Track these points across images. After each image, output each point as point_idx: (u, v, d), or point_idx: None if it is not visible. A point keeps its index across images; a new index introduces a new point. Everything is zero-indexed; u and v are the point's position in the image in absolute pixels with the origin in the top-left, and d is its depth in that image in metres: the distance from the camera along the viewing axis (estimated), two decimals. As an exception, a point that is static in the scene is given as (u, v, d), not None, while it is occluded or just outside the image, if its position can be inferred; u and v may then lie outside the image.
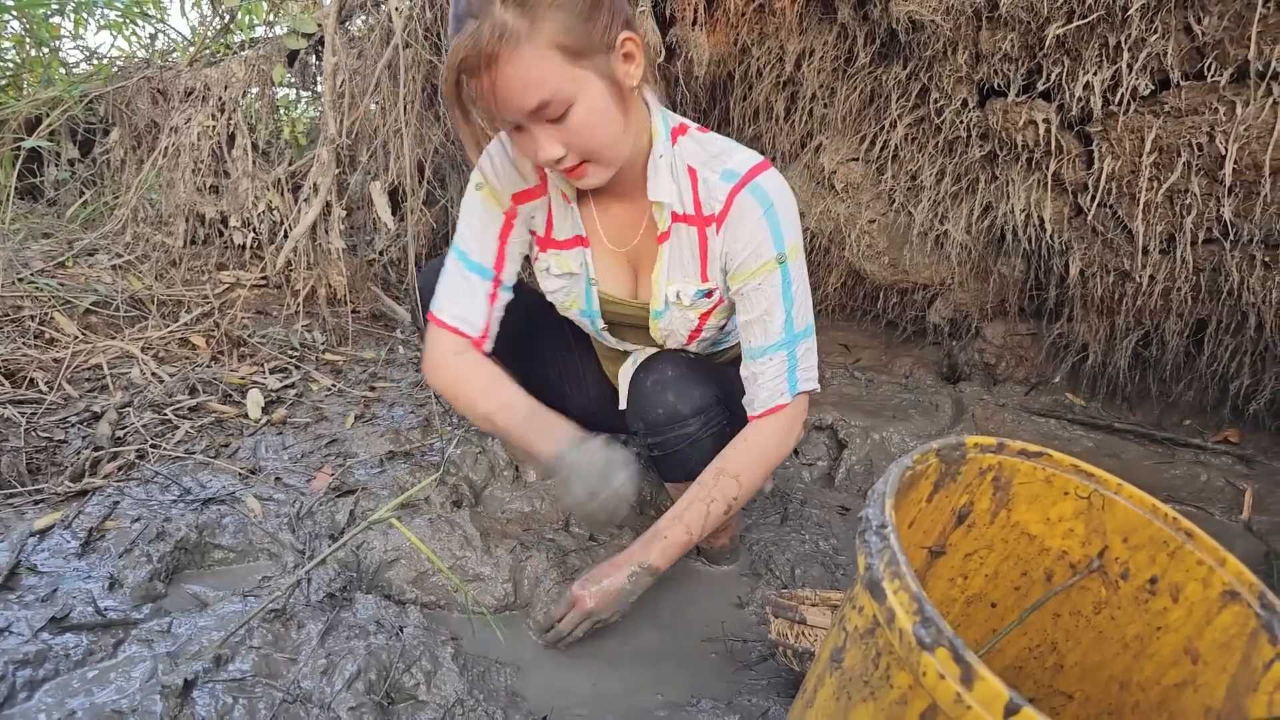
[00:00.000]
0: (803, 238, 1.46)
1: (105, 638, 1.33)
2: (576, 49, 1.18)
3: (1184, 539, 1.00)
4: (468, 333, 1.50)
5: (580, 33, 1.17)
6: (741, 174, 1.37)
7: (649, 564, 1.43)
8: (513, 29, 1.13)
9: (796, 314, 1.42)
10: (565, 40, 1.16)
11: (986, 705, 0.71)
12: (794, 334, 1.43)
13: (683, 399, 1.51)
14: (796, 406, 1.47)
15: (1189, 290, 2.18)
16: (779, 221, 1.38)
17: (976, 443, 1.05)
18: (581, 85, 1.20)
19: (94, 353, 2.22)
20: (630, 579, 1.43)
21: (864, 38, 2.60)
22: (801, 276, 1.43)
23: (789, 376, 1.44)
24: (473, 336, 1.50)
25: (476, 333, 1.51)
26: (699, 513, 1.44)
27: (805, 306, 1.44)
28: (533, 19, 1.14)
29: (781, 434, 1.48)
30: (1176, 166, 1.96)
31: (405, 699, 1.32)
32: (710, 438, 1.54)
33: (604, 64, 1.22)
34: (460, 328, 1.50)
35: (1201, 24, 1.78)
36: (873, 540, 0.85)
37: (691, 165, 1.41)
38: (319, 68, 3.08)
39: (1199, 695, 0.98)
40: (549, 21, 1.14)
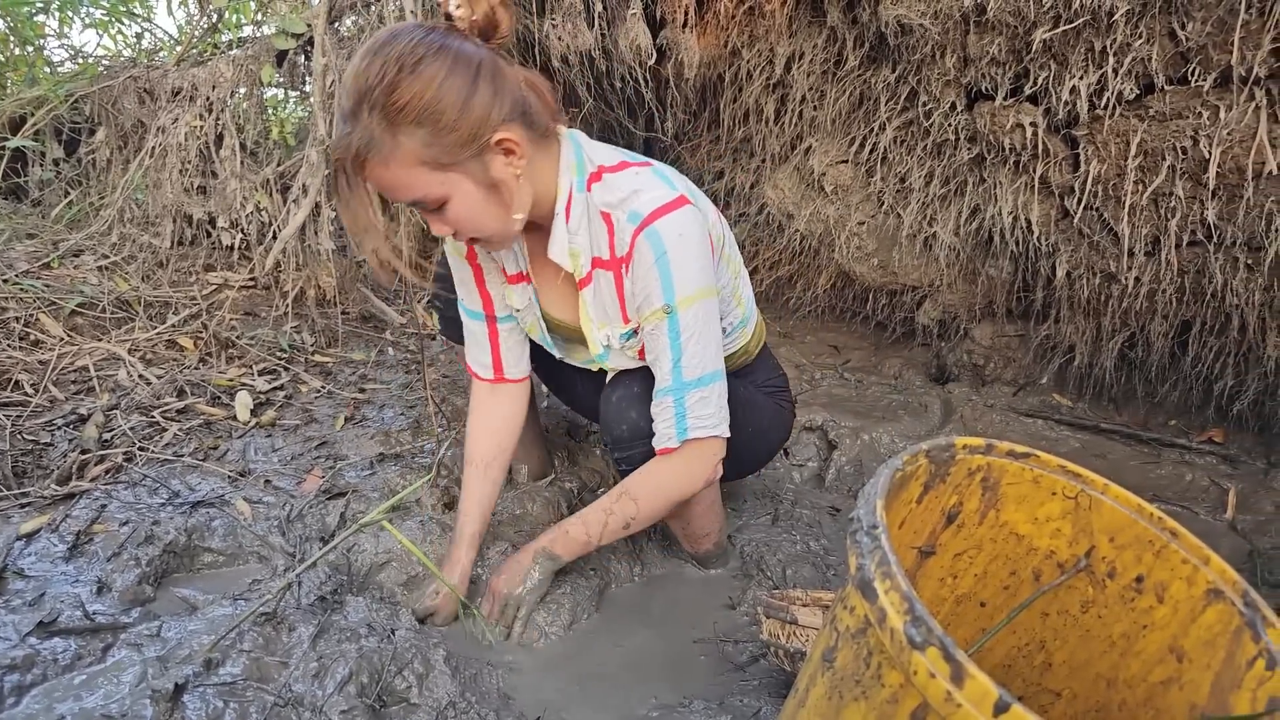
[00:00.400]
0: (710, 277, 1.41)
1: (94, 642, 1.32)
2: (439, 161, 1.23)
3: (1169, 538, 1.02)
4: (484, 375, 1.70)
5: (442, 146, 1.22)
6: (644, 215, 1.36)
7: (551, 550, 1.56)
8: (378, 140, 1.20)
9: (686, 363, 1.41)
10: (427, 154, 1.22)
11: (976, 703, 0.71)
12: (681, 382, 1.42)
13: (646, 416, 1.50)
14: (691, 451, 1.47)
15: (1174, 292, 2.20)
16: (670, 271, 1.36)
17: (965, 444, 1.06)
18: (451, 187, 1.27)
19: (80, 355, 2.21)
20: (533, 559, 1.56)
21: (853, 41, 2.62)
22: (697, 325, 1.40)
23: (676, 424, 1.44)
24: (488, 378, 1.70)
25: (489, 374, 1.70)
26: (598, 520, 1.54)
27: (702, 355, 1.42)
28: (394, 133, 1.20)
29: (675, 474, 1.50)
30: (1161, 170, 1.98)
31: (397, 702, 1.31)
32: None
33: (474, 166, 1.27)
34: (479, 372, 1.71)
35: (1185, 29, 1.80)
36: (864, 541, 0.86)
37: (605, 210, 1.41)
38: (308, 68, 3.06)
39: (1184, 692, 0.99)
40: (409, 137, 1.20)
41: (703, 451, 1.48)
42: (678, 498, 1.54)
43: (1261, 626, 0.91)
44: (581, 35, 2.55)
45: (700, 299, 1.39)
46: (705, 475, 1.51)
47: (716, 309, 1.44)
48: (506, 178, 1.30)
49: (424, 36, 1.20)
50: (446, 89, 1.19)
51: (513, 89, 1.29)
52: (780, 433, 1.84)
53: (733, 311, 1.65)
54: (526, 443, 1.99)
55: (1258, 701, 0.88)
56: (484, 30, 1.28)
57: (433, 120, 1.20)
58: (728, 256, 1.57)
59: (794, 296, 3.34)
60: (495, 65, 1.26)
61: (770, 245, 3.26)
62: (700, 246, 1.38)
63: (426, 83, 1.18)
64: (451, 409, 2.31)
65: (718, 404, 1.46)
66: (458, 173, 1.26)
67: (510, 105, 1.27)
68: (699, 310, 1.39)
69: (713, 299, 1.42)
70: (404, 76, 1.17)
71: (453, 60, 1.20)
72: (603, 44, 2.65)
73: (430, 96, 1.18)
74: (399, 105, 1.18)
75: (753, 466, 1.88)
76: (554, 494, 1.91)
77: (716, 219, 1.55)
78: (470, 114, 1.22)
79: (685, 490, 1.53)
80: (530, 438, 1.98)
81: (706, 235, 1.41)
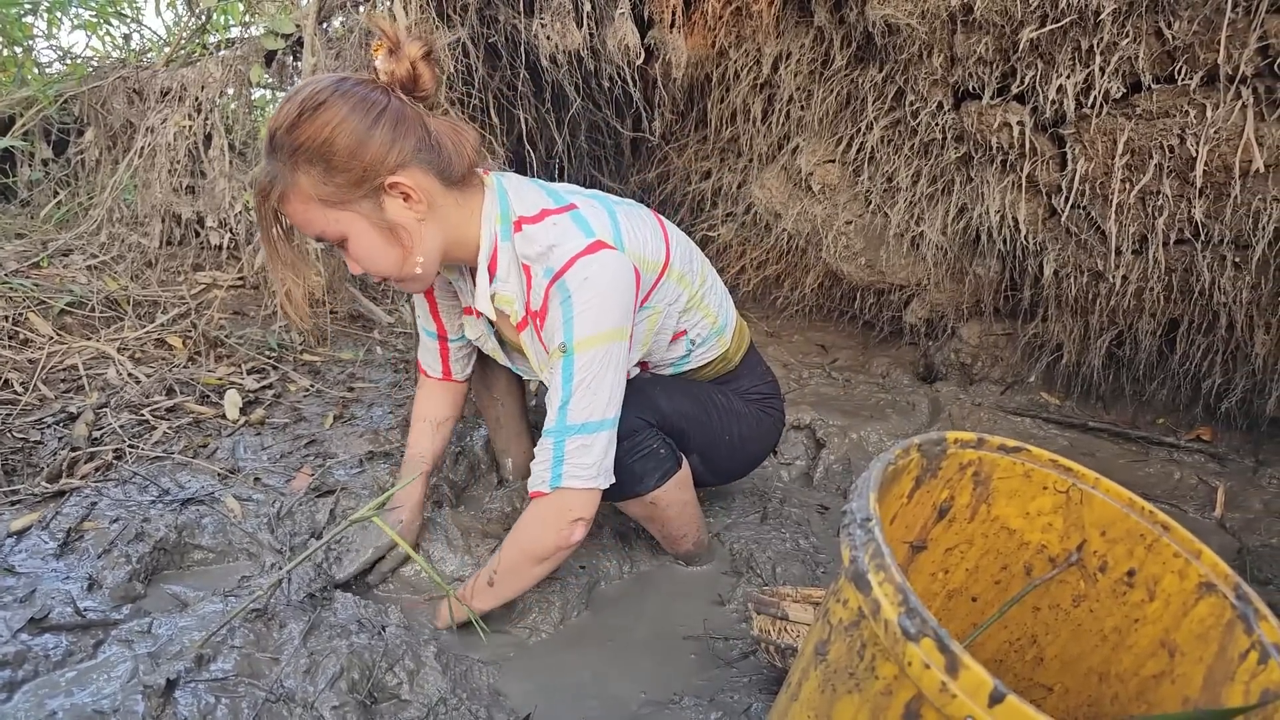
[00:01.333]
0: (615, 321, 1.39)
1: (85, 638, 1.32)
2: (331, 199, 1.32)
3: (1160, 532, 1.02)
4: (432, 374, 1.83)
5: (332, 187, 1.30)
6: (556, 270, 1.38)
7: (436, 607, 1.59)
8: (281, 176, 1.31)
9: (573, 407, 1.38)
10: (318, 193, 1.31)
11: (971, 694, 0.72)
12: (565, 426, 1.39)
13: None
14: (558, 501, 1.41)
15: (1161, 290, 2.21)
16: (572, 313, 1.36)
17: (957, 438, 1.07)
18: (346, 225, 1.35)
19: (69, 353, 2.20)
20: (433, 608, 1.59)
21: (840, 41, 2.62)
22: (592, 369, 1.37)
23: (552, 468, 1.39)
24: (435, 376, 1.82)
25: (437, 374, 1.82)
26: (483, 583, 1.53)
27: (592, 402, 1.38)
28: (292, 170, 1.30)
29: (538, 524, 1.44)
30: (1148, 168, 1.99)
31: (388, 698, 1.32)
32: (639, 461, 1.54)
33: (367, 207, 1.34)
34: (428, 371, 1.83)
35: (1172, 28, 1.81)
36: (857, 533, 0.86)
37: (524, 263, 1.44)
38: (297, 68, 3.06)
39: (1177, 686, 1.00)
40: (303, 175, 1.30)
41: (567, 504, 1.42)
42: (533, 551, 1.46)
43: (1254, 619, 0.92)
44: (570, 34, 2.55)
45: (601, 343, 1.37)
46: (558, 536, 1.43)
47: (621, 353, 1.41)
48: (404, 221, 1.37)
49: (334, 83, 1.30)
50: (340, 131, 1.27)
51: (417, 136, 1.34)
52: (763, 442, 1.84)
53: (699, 324, 1.66)
54: (515, 440, 2.00)
55: (1250, 694, 0.88)
56: (405, 85, 1.35)
57: (324, 160, 1.28)
58: (680, 274, 1.58)
59: (781, 296, 3.34)
60: (399, 113, 1.32)
61: (757, 245, 3.27)
62: (609, 288, 1.37)
63: (322, 125, 1.27)
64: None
65: (598, 455, 1.40)
66: (351, 212, 1.33)
67: (412, 151, 1.33)
68: (598, 354, 1.37)
69: (616, 343, 1.39)
70: (304, 118, 1.27)
71: (352, 106, 1.28)
72: (591, 43, 2.65)
73: (324, 137, 1.27)
74: (297, 143, 1.27)
75: (734, 475, 1.89)
76: (544, 492, 1.91)
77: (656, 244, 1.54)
78: (362, 157, 1.29)
79: (542, 545, 1.45)
80: (514, 422, 1.99)
81: (622, 277, 1.39)
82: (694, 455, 1.68)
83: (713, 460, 1.72)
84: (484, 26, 2.76)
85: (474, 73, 2.75)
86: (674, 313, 1.60)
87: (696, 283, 1.63)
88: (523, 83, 2.96)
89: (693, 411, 1.64)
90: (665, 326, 1.61)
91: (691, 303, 1.62)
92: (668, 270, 1.55)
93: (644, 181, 3.53)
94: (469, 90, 2.78)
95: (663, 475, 1.57)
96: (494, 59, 2.88)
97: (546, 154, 3.22)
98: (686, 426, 1.62)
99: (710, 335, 1.69)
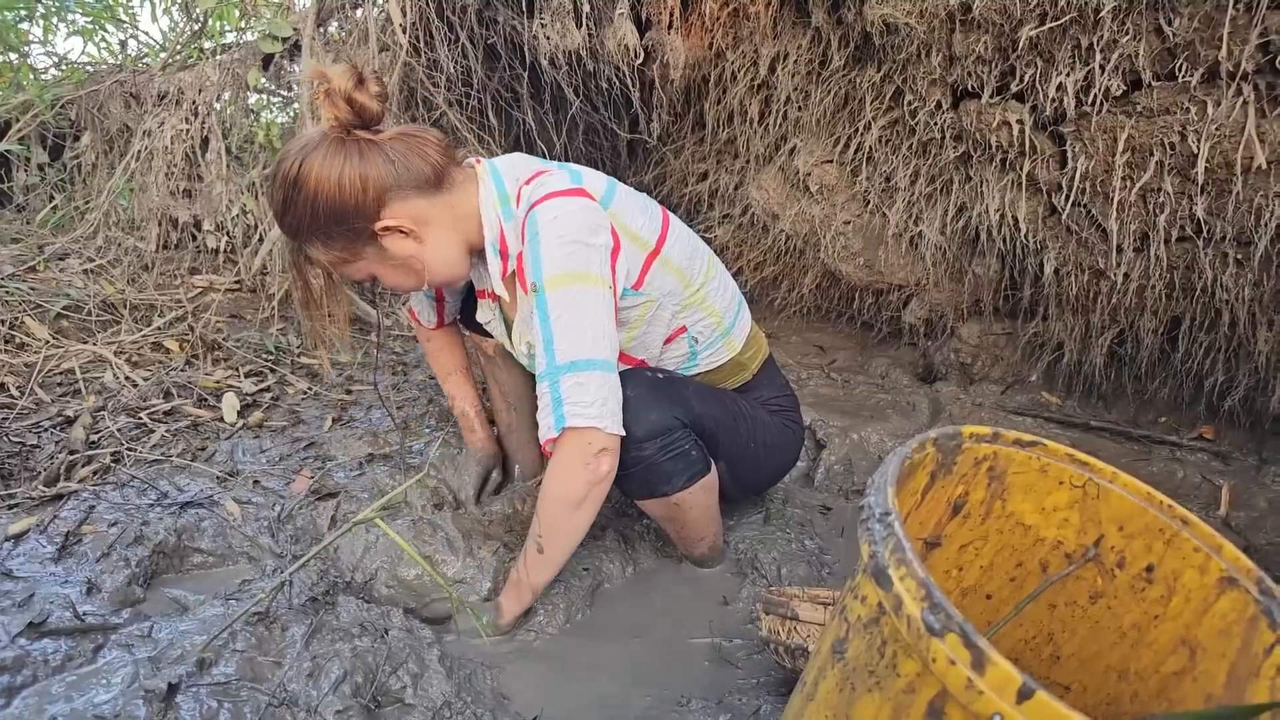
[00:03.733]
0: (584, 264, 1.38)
1: (84, 643, 1.31)
2: (339, 258, 1.45)
3: (1180, 526, 1.01)
4: (424, 323, 1.94)
5: (336, 249, 1.43)
6: (533, 202, 1.42)
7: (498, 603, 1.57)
8: (299, 250, 1.46)
9: (559, 345, 1.36)
10: (326, 256, 1.45)
11: (999, 690, 0.70)
12: (555, 365, 1.36)
13: (637, 422, 1.46)
14: (572, 443, 1.37)
15: (1163, 288, 2.21)
16: (539, 250, 1.37)
17: (973, 432, 1.06)
18: (368, 266, 1.47)
19: (66, 357, 2.18)
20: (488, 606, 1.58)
21: (838, 41, 2.62)
22: (568, 305, 1.36)
23: (553, 410, 1.36)
24: (429, 326, 1.94)
25: (430, 323, 1.93)
26: (533, 554, 1.51)
27: (575, 337, 1.36)
28: (301, 244, 1.45)
29: (563, 470, 1.40)
30: (1149, 166, 1.99)
31: (392, 702, 1.30)
32: (670, 460, 1.51)
33: (373, 253, 1.44)
34: (424, 321, 1.94)
35: (1172, 25, 1.81)
36: (876, 528, 0.85)
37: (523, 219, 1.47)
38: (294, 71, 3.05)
39: (1199, 683, 0.99)
40: (312, 246, 1.44)
41: (577, 444, 1.37)
42: (565, 498, 1.42)
43: (1278, 614, 0.91)
44: (570, 34, 2.54)
45: (571, 283, 1.36)
46: (582, 472, 1.39)
47: (600, 300, 1.39)
48: (409, 253, 1.45)
49: (296, 160, 1.37)
50: (319, 209, 1.37)
51: (381, 170, 1.38)
52: (787, 452, 1.83)
53: (701, 322, 1.65)
54: (526, 446, 1.99)
55: (1276, 690, 0.87)
56: (353, 124, 1.38)
57: (319, 235, 1.41)
58: (677, 267, 1.57)
59: (779, 297, 3.34)
60: (361, 162, 1.37)
61: (755, 246, 3.26)
62: (578, 230, 1.38)
63: (301, 211, 1.38)
64: (439, 409, 2.29)
65: (598, 393, 1.37)
66: (363, 260, 1.45)
67: (390, 188, 1.38)
68: (570, 291, 1.36)
69: (592, 288, 1.38)
70: (285, 209, 1.39)
71: (315, 181, 1.35)
72: (590, 44, 2.65)
73: (308, 222, 1.39)
74: (291, 229, 1.42)
75: (755, 487, 1.87)
76: (546, 494, 1.89)
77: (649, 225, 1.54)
78: (345, 221, 1.38)
79: (571, 489, 1.41)
80: (526, 429, 1.98)
81: (591, 223, 1.40)
82: (721, 462, 1.66)
83: (737, 468, 1.70)
84: (483, 28, 2.76)
85: (473, 74, 2.74)
86: (669, 305, 1.58)
87: (698, 280, 1.62)
88: (522, 84, 2.96)
89: (722, 417, 1.62)
90: (659, 318, 1.59)
91: (691, 300, 1.61)
92: (660, 256, 1.53)
93: (641, 183, 3.53)
94: (468, 92, 2.77)
95: (691, 477, 1.55)
96: (493, 60, 2.88)
97: (545, 155, 3.22)
98: (717, 430, 1.60)
99: (715, 337, 1.68)
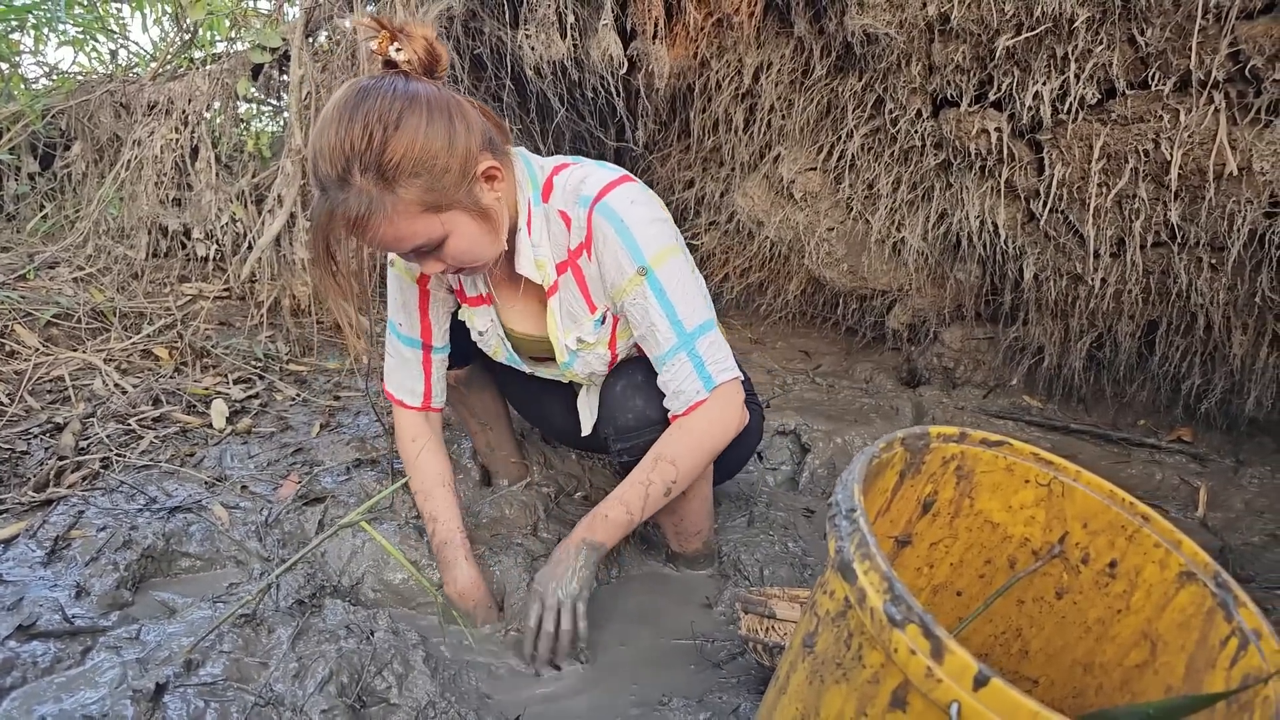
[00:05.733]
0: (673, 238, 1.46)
1: (73, 645, 1.32)
2: (438, 203, 1.29)
3: (1141, 523, 1.04)
4: (412, 404, 1.70)
5: (440, 188, 1.28)
6: (593, 196, 1.42)
7: (593, 540, 1.49)
8: (377, 198, 1.24)
9: (683, 315, 1.44)
10: (427, 199, 1.27)
11: (956, 677, 0.73)
12: (686, 334, 1.44)
13: (652, 404, 1.52)
14: (721, 396, 1.47)
15: (1139, 292, 2.24)
16: (632, 236, 1.40)
17: (940, 432, 1.08)
18: (450, 225, 1.32)
19: (55, 364, 2.19)
20: (578, 555, 1.48)
21: (820, 51, 2.66)
22: (677, 278, 1.44)
23: (699, 373, 1.45)
24: (416, 406, 1.70)
25: (418, 401, 1.69)
26: (638, 494, 1.49)
27: (693, 304, 1.45)
28: (393, 188, 1.24)
29: (712, 422, 1.48)
30: (1124, 172, 2.03)
31: (377, 702, 1.31)
32: None
33: (468, 199, 1.32)
34: (405, 400, 1.70)
35: (1144, 35, 1.85)
36: (842, 524, 0.88)
37: (562, 210, 1.47)
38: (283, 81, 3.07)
39: (1160, 675, 1.02)
40: (409, 188, 1.25)
41: (730, 395, 1.48)
42: (713, 448, 1.51)
43: (1234, 606, 0.94)
44: (555, 45, 2.57)
45: (671, 255, 1.43)
46: (737, 418, 1.50)
47: (692, 267, 1.48)
48: (493, 203, 1.37)
49: (392, 90, 1.25)
50: (431, 136, 1.24)
51: (477, 119, 1.34)
52: (757, 434, 1.87)
53: None
54: (502, 449, 2.01)
55: (1232, 680, 0.90)
56: (427, 67, 1.33)
57: (428, 168, 1.25)
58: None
59: (765, 303, 3.36)
60: (459, 103, 1.32)
61: (741, 252, 3.29)
62: (654, 210, 1.44)
63: (413, 137, 1.23)
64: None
65: (725, 348, 1.49)
66: (456, 210, 1.31)
67: (480, 135, 1.33)
68: (673, 266, 1.43)
69: (681, 256, 1.46)
70: (390, 134, 1.22)
71: (427, 108, 1.25)
72: (575, 54, 2.67)
73: (421, 146, 1.23)
74: (392, 162, 1.22)
75: (729, 471, 1.89)
76: (530, 498, 1.91)
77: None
78: (457, 153, 1.27)
79: (722, 439, 1.50)
80: (506, 444, 2.00)
81: (658, 202, 1.46)
82: None
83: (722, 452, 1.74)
84: (469, 39, 2.79)
85: (459, 84, 2.77)
86: None
87: None
88: (508, 94, 2.98)
89: None
90: None
91: None
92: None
93: (629, 191, 3.55)
94: (454, 101, 2.79)
95: None
96: (479, 70, 2.91)
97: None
98: None
99: None
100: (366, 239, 1.30)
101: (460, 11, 2.63)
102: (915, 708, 0.79)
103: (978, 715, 0.72)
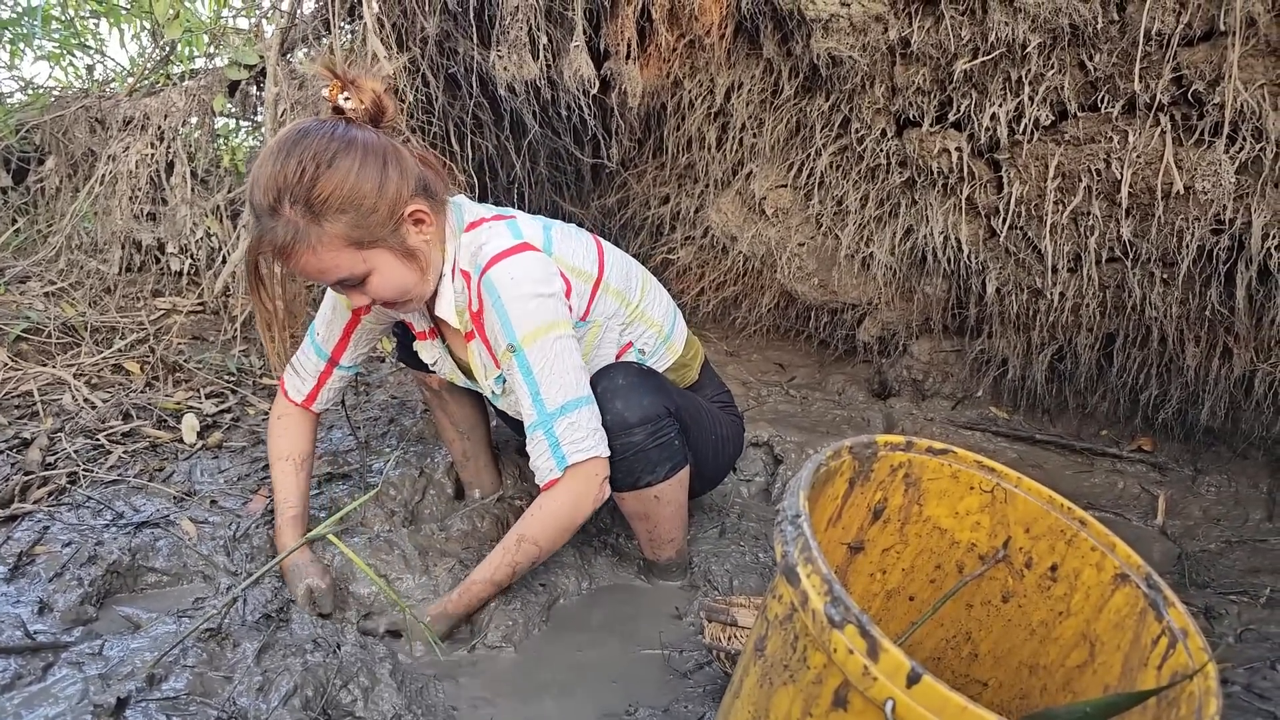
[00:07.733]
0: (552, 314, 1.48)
1: (34, 662, 1.32)
2: (362, 240, 1.39)
3: (1079, 527, 1.08)
4: (294, 398, 1.81)
5: (365, 226, 1.38)
6: (483, 265, 1.49)
7: (457, 614, 1.58)
8: (303, 229, 1.35)
9: (546, 395, 1.48)
10: (352, 235, 1.37)
11: (891, 675, 0.76)
12: (546, 414, 1.48)
13: (630, 407, 1.56)
14: (576, 476, 1.51)
15: (1096, 306, 2.29)
16: (506, 312, 1.46)
17: (887, 441, 1.12)
18: (374, 262, 1.42)
19: (24, 379, 2.19)
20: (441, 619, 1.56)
21: (788, 72, 2.70)
22: (545, 357, 1.47)
23: (553, 453, 1.49)
24: (297, 401, 1.81)
25: (300, 399, 1.81)
26: (506, 574, 1.58)
27: (560, 383, 1.48)
28: (320, 222, 1.35)
29: (562, 504, 1.53)
30: (1078, 191, 2.09)
31: (343, 715, 1.32)
32: (657, 448, 1.59)
33: (394, 239, 1.42)
34: (290, 394, 1.82)
35: (1093, 60, 1.92)
36: (788, 530, 0.91)
37: (464, 270, 1.54)
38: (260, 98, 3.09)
39: (1098, 675, 1.05)
40: (335, 223, 1.35)
41: (584, 474, 1.51)
42: (571, 525, 1.56)
43: (1163, 606, 0.97)
44: (526, 66, 2.60)
45: (544, 334, 1.47)
46: (593, 496, 1.54)
47: (569, 342, 1.51)
48: (420, 245, 1.47)
49: (330, 132, 1.36)
50: (363, 178, 1.35)
51: (412, 166, 1.44)
52: (735, 445, 1.91)
53: (644, 335, 1.73)
54: (483, 471, 2.03)
55: (1162, 678, 0.94)
56: (373, 116, 1.43)
57: (355, 206, 1.35)
58: (616, 290, 1.66)
59: (739, 316, 3.40)
60: (395, 149, 1.42)
61: (715, 267, 3.33)
62: (536, 285, 1.47)
63: (344, 176, 1.34)
64: (399, 429, 2.33)
65: (588, 428, 1.51)
66: (379, 248, 1.41)
67: (414, 181, 1.43)
68: (545, 343, 1.47)
69: (562, 333, 1.49)
70: (322, 172, 1.33)
71: (361, 152, 1.36)
72: (548, 74, 2.71)
73: (351, 187, 1.34)
74: (322, 197, 1.33)
75: (712, 481, 1.94)
76: (503, 511, 1.93)
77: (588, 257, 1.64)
78: (386, 195, 1.38)
79: (578, 517, 1.55)
80: (482, 454, 2.02)
81: (545, 274, 1.49)
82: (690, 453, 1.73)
83: (701, 462, 1.77)
84: (443, 57, 2.81)
85: (434, 101, 2.79)
86: (615, 326, 1.67)
87: (636, 296, 1.71)
88: (483, 111, 3.01)
89: (692, 410, 1.71)
90: (607, 340, 1.67)
91: (632, 316, 1.70)
92: (602, 284, 1.63)
93: (604, 206, 3.59)
94: (429, 119, 2.82)
95: (673, 468, 1.64)
96: (454, 88, 2.93)
97: (507, 180, 3.27)
98: (689, 423, 1.68)
99: (659, 344, 1.76)
100: (290, 265, 1.40)
101: (434, 32, 2.66)
102: (855, 706, 0.82)
103: (911, 712, 0.75)
